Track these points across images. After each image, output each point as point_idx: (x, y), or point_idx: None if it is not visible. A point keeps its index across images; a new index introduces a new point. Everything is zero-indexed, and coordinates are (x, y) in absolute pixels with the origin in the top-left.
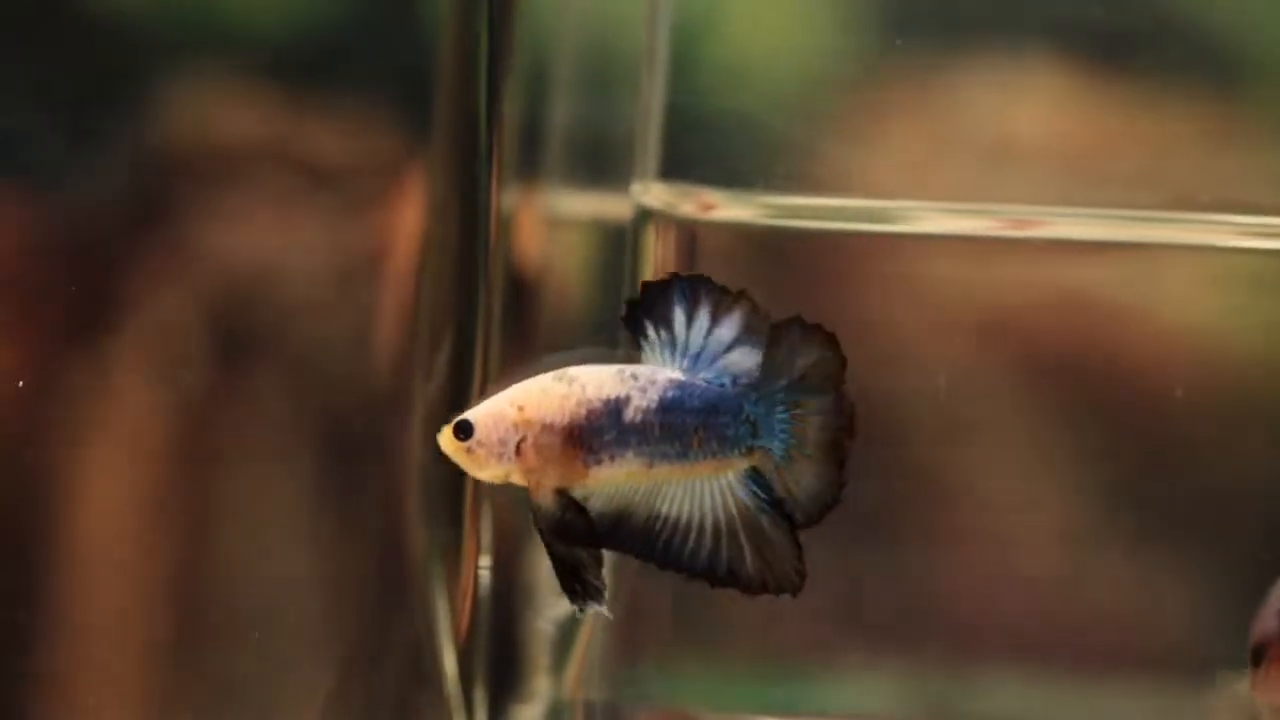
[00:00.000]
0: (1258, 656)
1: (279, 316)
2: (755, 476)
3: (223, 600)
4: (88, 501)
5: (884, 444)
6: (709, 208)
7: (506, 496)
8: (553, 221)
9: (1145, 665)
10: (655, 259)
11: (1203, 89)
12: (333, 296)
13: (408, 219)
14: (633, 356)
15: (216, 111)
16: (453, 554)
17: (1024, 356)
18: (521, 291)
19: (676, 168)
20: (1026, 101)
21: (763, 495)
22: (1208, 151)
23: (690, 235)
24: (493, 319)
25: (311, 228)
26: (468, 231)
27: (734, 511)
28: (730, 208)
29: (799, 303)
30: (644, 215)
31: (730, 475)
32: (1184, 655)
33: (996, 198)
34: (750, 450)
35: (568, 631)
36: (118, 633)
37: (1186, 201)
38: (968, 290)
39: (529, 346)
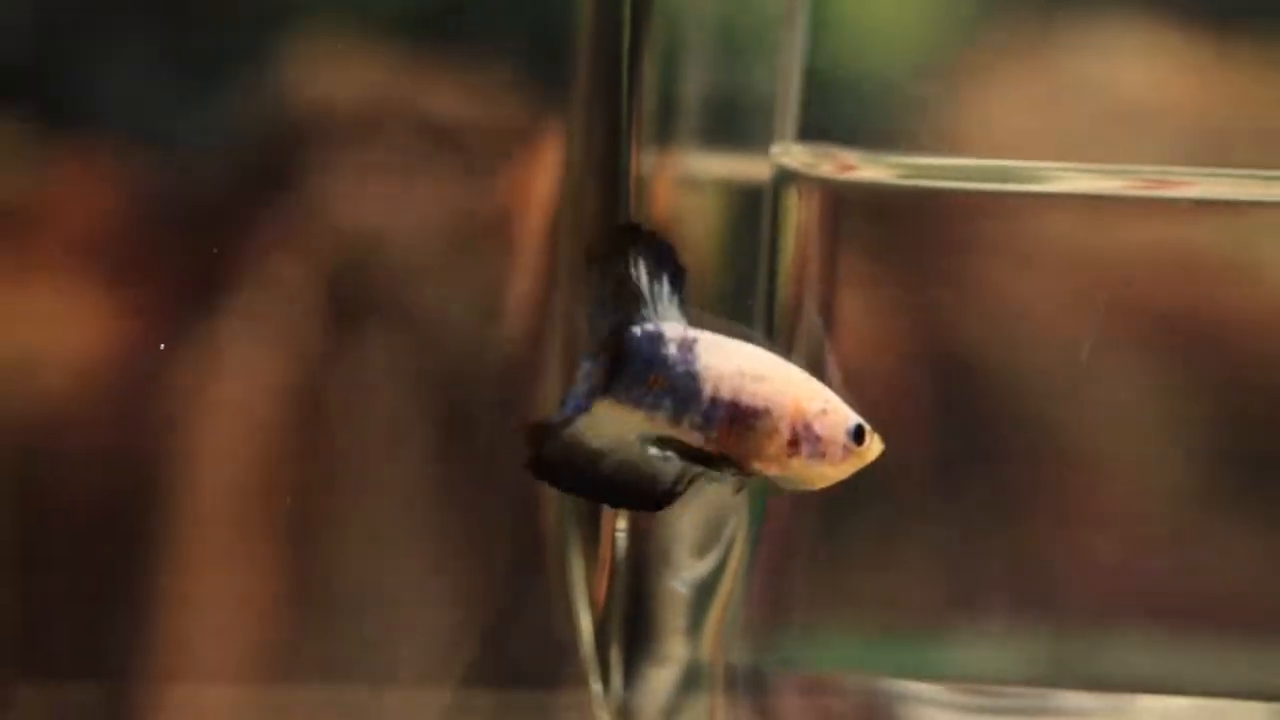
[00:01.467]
0: None
1: (402, 280)
2: None
3: (350, 568)
4: (209, 461)
5: (1009, 407)
6: (848, 168)
7: None
8: (691, 184)
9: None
10: (798, 220)
11: None
12: (459, 261)
13: (540, 182)
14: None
15: (343, 72)
16: (589, 519)
17: (1150, 319)
18: None
19: (815, 130)
20: (1151, 62)
21: None
22: None
23: (834, 195)
24: None
25: (437, 190)
26: (607, 195)
27: None
28: (869, 168)
29: (936, 262)
30: (784, 176)
31: None
32: None
33: (1125, 158)
34: None
35: (704, 595)
36: (242, 592)
37: None
38: (1096, 252)
39: None
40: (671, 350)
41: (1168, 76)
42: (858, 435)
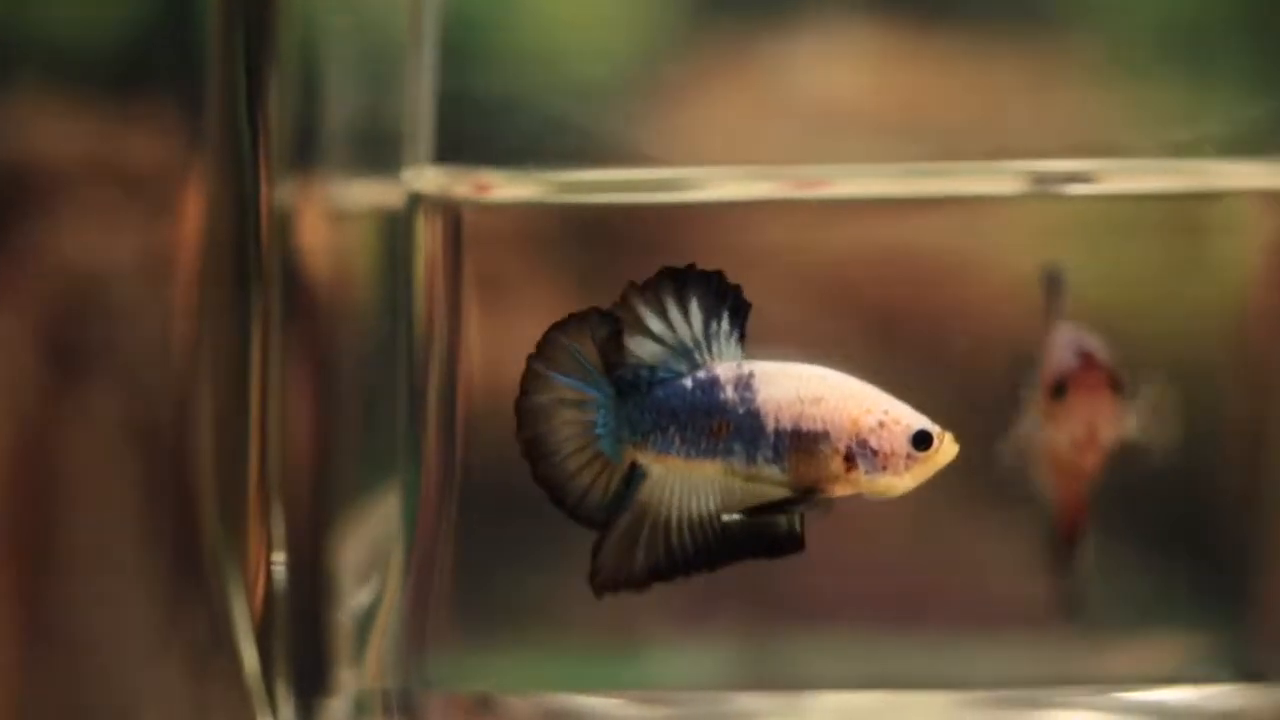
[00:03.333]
0: (1059, 390)
1: (100, 325)
2: None
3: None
4: None
5: None
6: (484, 189)
7: (298, 491)
8: (335, 213)
9: (977, 621)
10: (425, 244)
11: (1022, 38)
12: (138, 303)
13: (191, 222)
14: None
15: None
16: (243, 551)
17: (856, 317)
18: (303, 285)
19: (453, 151)
20: (844, 63)
21: None
22: (1030, 101)
23: (457, 219)
24: (271, 316)
25: (115, 235)
26: (242, 230)
27: None
28: (509, 187)
29: (625, 275)
30: (414, 200)
31: None
32: (1011, 610)
33: (813, 159)
34: None
35: (365, 623)
36: None
37: (1012, 151)
38: (797, 254)
39: (313, 340)
40: (729, 392)
41: (868, 78)
42: (922, 441)
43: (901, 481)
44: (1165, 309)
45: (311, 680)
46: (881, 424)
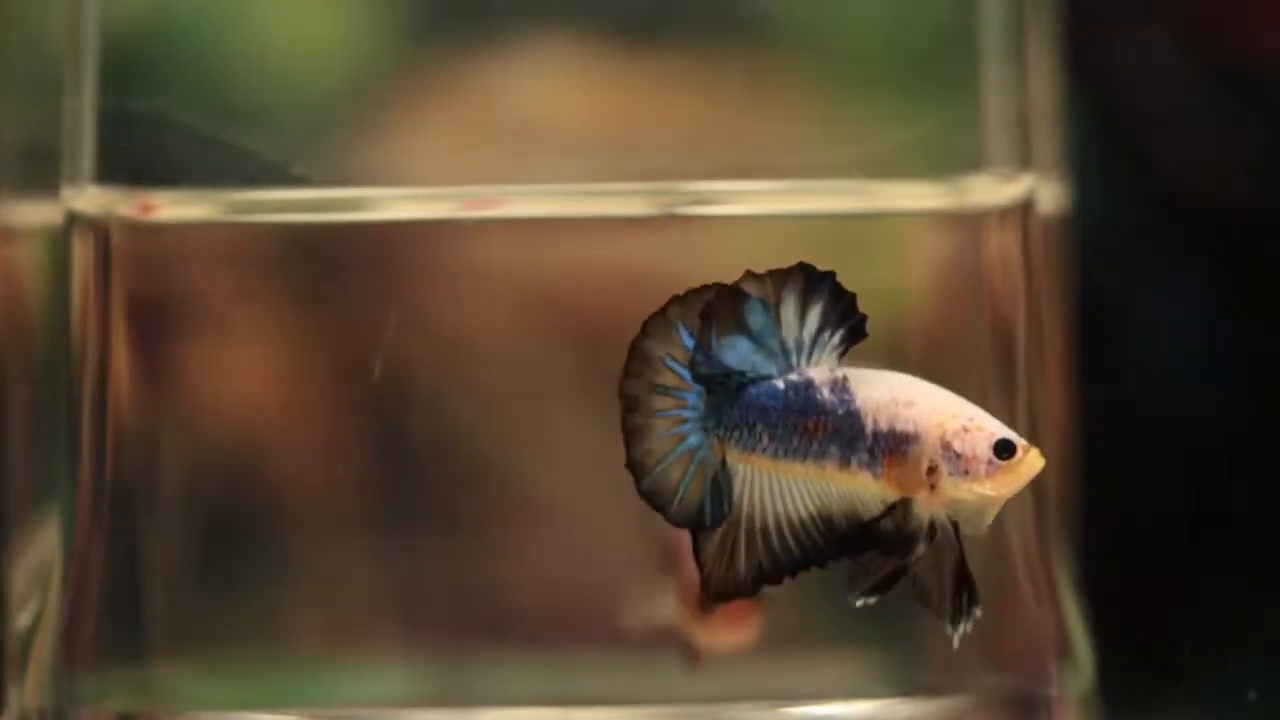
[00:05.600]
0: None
1: None
2: None
3: None
4: None
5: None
6: (148, 209)
7: None
8: (2, 232)
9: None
10: (80, 264)
11: (755, 58)
12: None
13: None
14: None
15: None
16: None
17: (577, 338)
18: None
19: (121, 170)
20: (556, 85)
21: None
22: (743, 120)
23: (107, 238)
24: None
25: None
26: None
27: None
28: (173, 207)
29: (334, 298)
30: (70, 219)
31: None
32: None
33: (524, 179)
34: None
35: (27, 642)
36: None
37: (727, 170)
38: (512, 273)
39: None
40: (826, 394)
41: (579, 95)
42: (1004, 449)
43: (989, 490)
44: None
45: None
46: (965, 429)
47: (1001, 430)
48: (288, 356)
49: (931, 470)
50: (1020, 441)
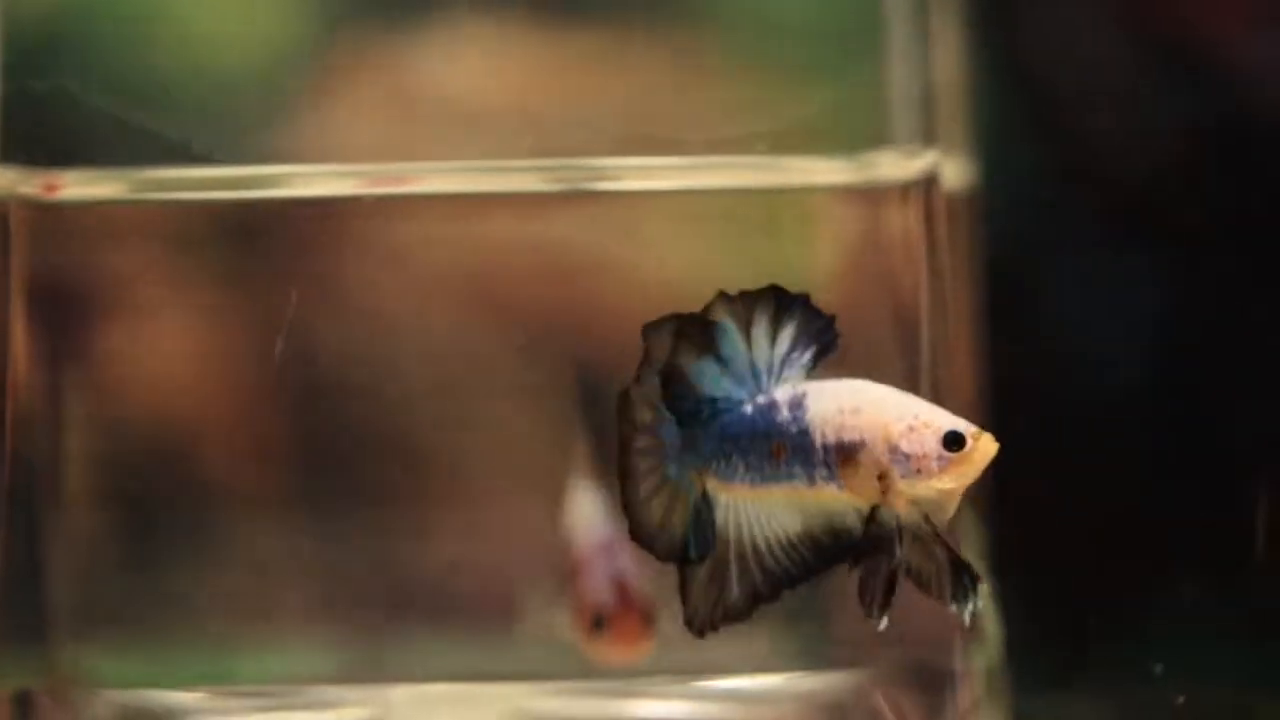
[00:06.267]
0: (598, 623)
1: None
2: None
3: None
4: None
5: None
6: (53, 188)
7: None
8: None
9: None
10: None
11: (663, 34)
12: None
13: None
14: None
15: None
16: None
17: (503, 316)
18: None
19: (24, 150)
20: (468, 63)
21: None
22: (653, 96)
23: (4, 218)
24: None
25: None
26: None
27: None
28: (81, 186)
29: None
30: None
31: None
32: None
33: (436, 157)
34: None
35: None
36: None
37: (637, 146)
38: (435, 253)
39: None
40: (784, 413)
41: (490, 72)
42: (954, 442)
43: (941, 484)
44: None
45: None
46: (911, 428)
47: (950, 422)
48: (198, 336)
49: (882, 476)
50: (970, 430)
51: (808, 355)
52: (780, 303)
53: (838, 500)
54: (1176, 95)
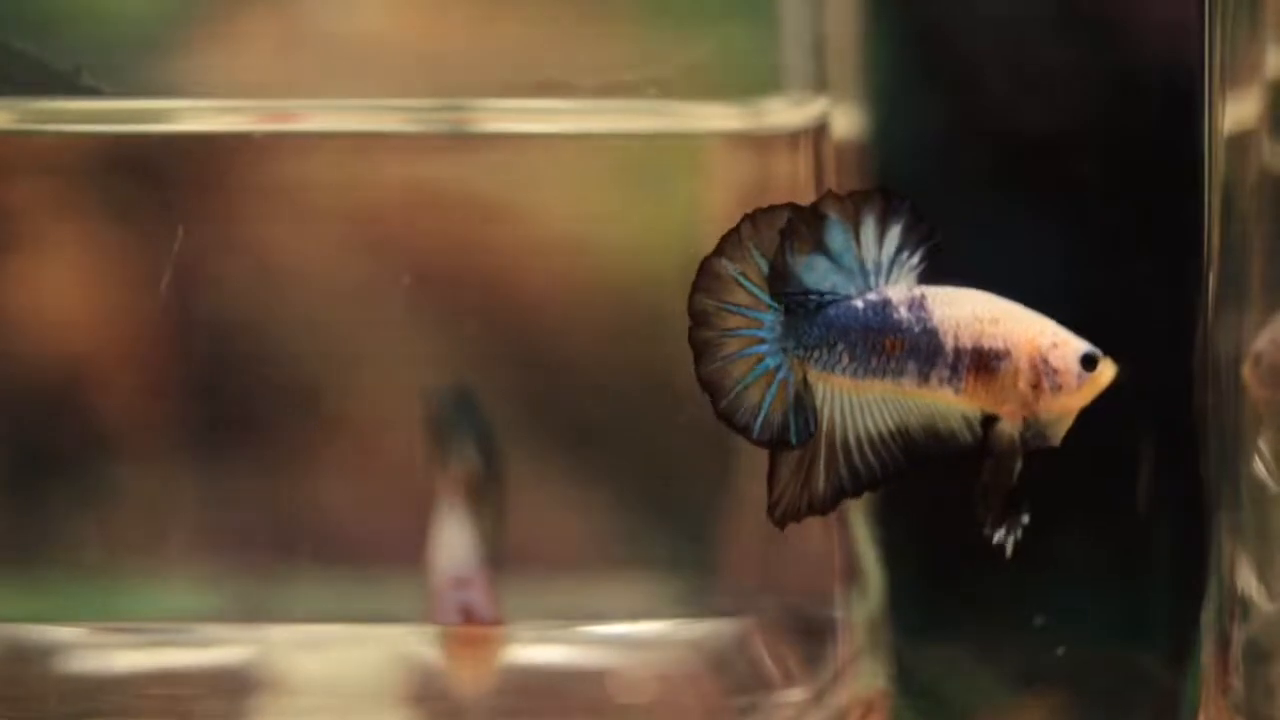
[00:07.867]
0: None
1: None
2: None
3: None
4: None
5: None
6: None
7: None
8: None
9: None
10: None
11: None
12: None
13: None
14: None
15: None
16: None
17: (389, 254)
18: None
19: None
20: (374, 1)
21: None
22: (546, 39)
23: None
24: None
25: None
26: None
27: None
28: None
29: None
30: None
31: None
32: None
33: (327, 94)
34: None
35: None
36: None
37: (528, 89)
38: (325, 191)
39: None
40: (903, 312)
41: (383, 11)
42: (1089, 362)
43: (1074, 401)
44: (627, 247)
45: None
46: (1055, 344)
47: (1083, 343)
48: (84, 271)
49: (1035, 385)
50: (1099, 353)
51: (915, 258)
52: (888, 203)
53: (948, 402)
54: (1069, 46)
